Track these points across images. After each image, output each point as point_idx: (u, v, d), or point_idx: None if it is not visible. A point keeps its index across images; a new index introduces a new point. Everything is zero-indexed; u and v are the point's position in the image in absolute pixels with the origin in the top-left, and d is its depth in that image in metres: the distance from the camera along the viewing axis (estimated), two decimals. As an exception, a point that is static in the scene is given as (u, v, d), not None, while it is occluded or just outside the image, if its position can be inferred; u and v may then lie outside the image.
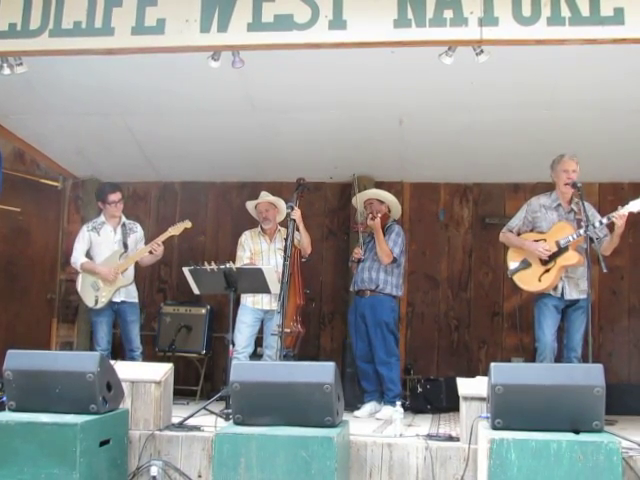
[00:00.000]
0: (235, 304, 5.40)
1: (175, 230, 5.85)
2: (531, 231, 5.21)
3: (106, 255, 5.90)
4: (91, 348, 6.75)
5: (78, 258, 5.91)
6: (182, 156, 6.83)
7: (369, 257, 5.68)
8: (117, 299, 5.84)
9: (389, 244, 5.59)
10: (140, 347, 5.94)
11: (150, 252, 5.83)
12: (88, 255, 5.96)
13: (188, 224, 5.87)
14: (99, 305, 5.80)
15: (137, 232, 6.10)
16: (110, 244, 5.95)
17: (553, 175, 5.18)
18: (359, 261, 5.68)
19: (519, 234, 5.24)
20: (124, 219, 6.07)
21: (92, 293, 5.83)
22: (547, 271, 5.01)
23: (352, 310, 5.79)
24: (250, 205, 6.01)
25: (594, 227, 4.88)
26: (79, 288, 5.94)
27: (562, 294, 5.03)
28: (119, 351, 6.04)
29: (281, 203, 5.86)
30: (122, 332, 5.96)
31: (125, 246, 5.95)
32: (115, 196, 5.95)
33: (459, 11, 4.04)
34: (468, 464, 3.74)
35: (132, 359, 5.73)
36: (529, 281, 5.10)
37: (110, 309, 5.86)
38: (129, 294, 5.93)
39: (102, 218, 6.03)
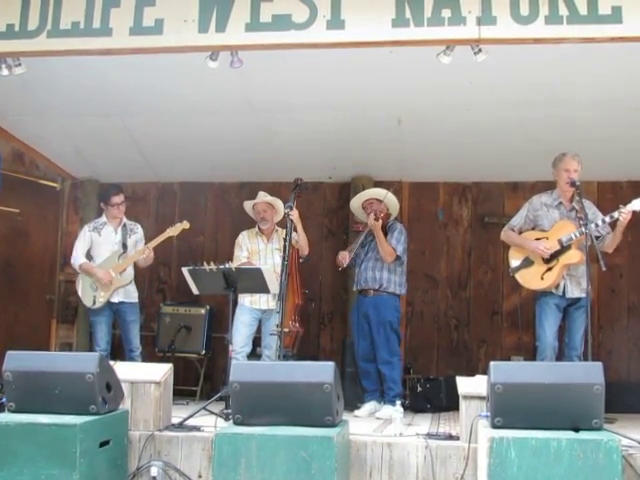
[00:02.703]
0: (234, 304, 5.40)
1: (173, 231, 5.87)
2: (533, 229, 5.20)
3: (106, 256, 5.92)
4: (90, 349, 6.75)
5: (78, 258, 5.94)
6: (181, 156, 6.83)
7: (372, 257, 5.68)
8: (115, 299, 5.86)
9: (392, 242, 5.59)
10: (139, 347, 5.95)
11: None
12: (89, 255, 5.98)
13: (186, 225, 5.89)
14: (97, 305, 5.82)
15: (137, 233, 6.12)
16: (110, 245, 5.97)
17: (554, 173, 5.17)
18: (357, 261, 5.68)
19: (520, 232, 5.23)
20: (125, 220, 6.10)
21: (90, 293, 5.85)
22: (549, 269, 5.00)
23: (354, 309, 5.79)
24: (248, 205, 6.01)
25: (597, 226, 4.88)
26: (79, 288, 5.96)
27: (564, 292, 5.03)
28: (119, 352, 6.04)
29: (279, 203, 5.85)
30: (122, 332, 5.98)
31: (124, 247, 5.96)
32: (118, 198, 5.99)
33: (457, 10, 4.05)
34: (468, 463, 3.74)
35: (131, 359, 5.74)
36: (531, 279, 5.09)
37: (109, 309, 5.87)
38: (128, 294, 5.94)
39: (104, 219, 6.06)
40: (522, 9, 4.02)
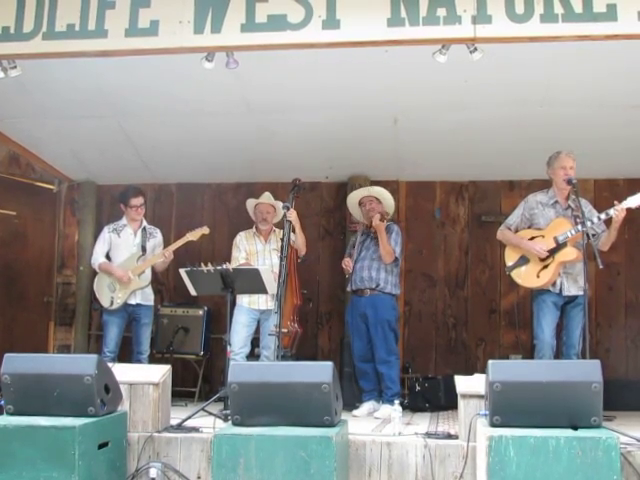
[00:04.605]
0: (232, 305, 5.40)
1: (193, 235, 5.91)
2: (529, 228, 5.20)
3: (124, 257, 5.95)
4: (97, 350, 6.72)
5: (97, 258, 5.98)
6: (178, 157, 6.83)
7: (367, 256, 5.66)
8: (132, 301, 5.87)
9: (391, 243, 5.60)
10: (148, 350, 5.97)
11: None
12: (107, 256, 6.00)
13: (206, 230, 5.93)
14: (114, 306, 5.83)
15: (157, 237, 6.16)
16: (129, 247, 5.99)
17: (550, 172, 5.17)
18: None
19: (517, 231, 5.24)
20: (145, 223, 6.13)
21: (108, 294, 5.86)
22: (545, 267, 5.00)
23: (349, 310, 5.78)
24: (250, 204, 6.00)
25: (592, 223, 4.89)
26: (96, 288, 5.97)
27: (560, 290, 5.03)
28: (123, 353, 6.02)
29: (279, 207, 5.83)
30: (134, 334, 5.97)
31: (143, 249, 5.99)
32: (137, 200, 6.00)
33: (452, 9, 4.05)
34: (467, 462, 3.74)
35: (138, 361, 5.74)
36: (527, 277, 5.09)
37: (124, 311, 5.88)
38: (145, 297, 5.96)
39: (124, 221, 6.08)
40: (517, 7, 4.02)
